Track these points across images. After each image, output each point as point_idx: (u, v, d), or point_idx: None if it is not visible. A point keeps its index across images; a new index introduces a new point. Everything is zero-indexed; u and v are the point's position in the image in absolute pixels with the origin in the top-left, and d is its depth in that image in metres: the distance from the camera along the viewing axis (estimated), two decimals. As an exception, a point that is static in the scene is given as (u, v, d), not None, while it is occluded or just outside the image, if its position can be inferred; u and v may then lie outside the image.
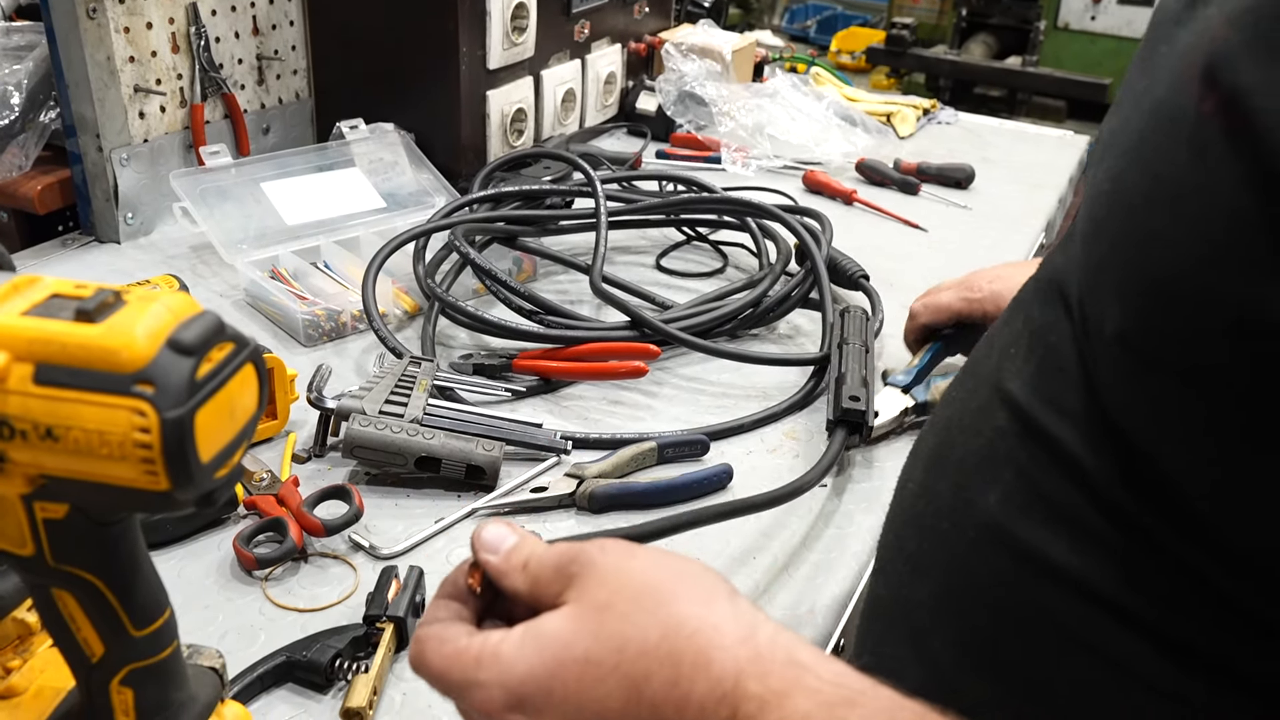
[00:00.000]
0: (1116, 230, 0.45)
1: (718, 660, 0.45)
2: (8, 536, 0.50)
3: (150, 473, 0.45)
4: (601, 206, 1.24)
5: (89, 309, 0.45)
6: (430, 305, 1.17)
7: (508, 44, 1.50)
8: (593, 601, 0.48)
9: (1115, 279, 0.45)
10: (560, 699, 0.46)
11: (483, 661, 0.47)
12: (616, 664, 0.46)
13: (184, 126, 1.41)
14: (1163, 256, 0.41)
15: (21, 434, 0.45)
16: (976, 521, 0.53)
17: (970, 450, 0.55)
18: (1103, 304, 0.46)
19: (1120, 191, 0.45)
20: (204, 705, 0.59)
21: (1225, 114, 0.38)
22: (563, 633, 0.47)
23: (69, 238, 1.38)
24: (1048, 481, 0.50)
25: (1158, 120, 0.43)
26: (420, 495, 0.92)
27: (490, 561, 0.51)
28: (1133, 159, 0.44)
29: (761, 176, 1.68)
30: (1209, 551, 0.43)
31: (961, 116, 2.08)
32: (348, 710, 0.69)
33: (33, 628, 0.65)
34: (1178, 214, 0.40)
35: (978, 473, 0.54)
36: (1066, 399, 0.50)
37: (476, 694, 0.47)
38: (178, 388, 0.45)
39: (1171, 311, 0.41)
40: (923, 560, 0.57)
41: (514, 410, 1.05)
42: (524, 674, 0.46)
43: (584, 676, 0.46)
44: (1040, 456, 0.50)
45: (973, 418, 0.56)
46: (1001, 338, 0.58)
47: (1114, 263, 0.45)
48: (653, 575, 0.48)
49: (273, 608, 0.79)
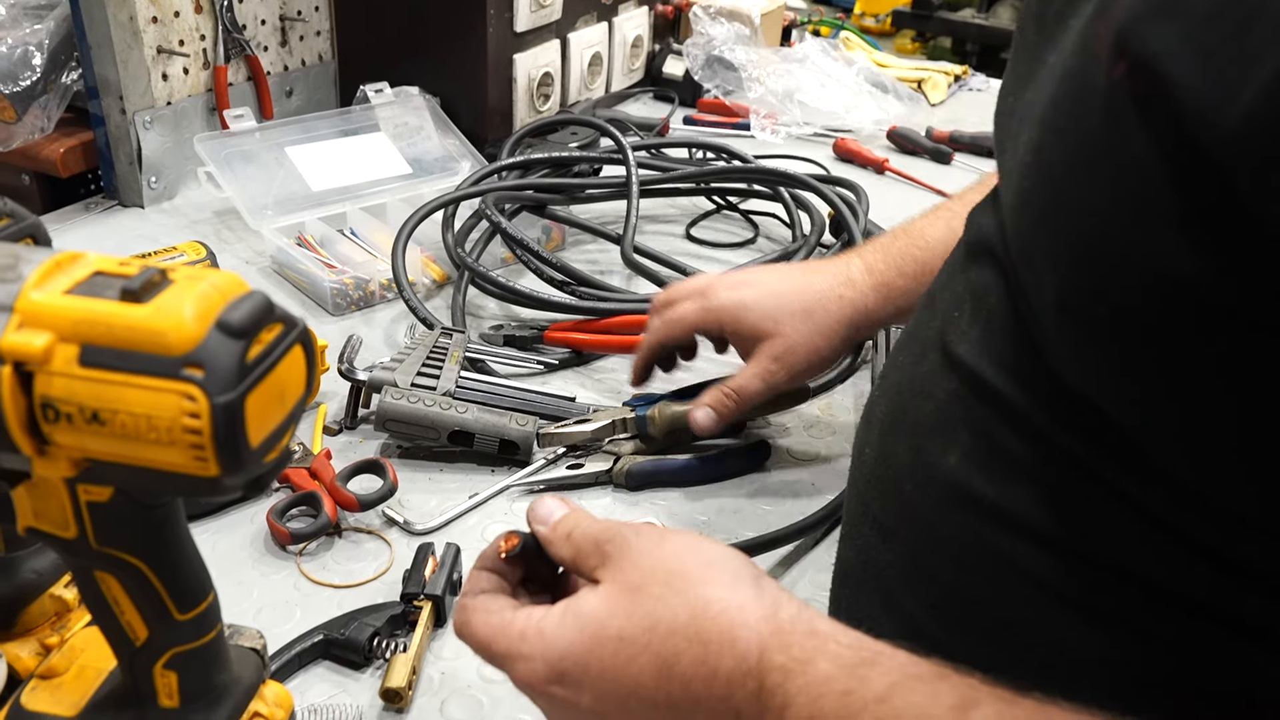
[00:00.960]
0: (1043, 201, 0.46)
1: (742, 638, 0.47)
2: (50, 519, 0.49)
3: (199, 459, 0.44)
4: (633, 174, 1.22)
5: (134, 288, 0.44)
6: (460, 274, 1.15)
7: (535, 6, 1.47)
8: (626, 582, 0.50)
9: (1047, 248, 0.46)
10: (596, 674, 0.48)
11: (526, 636, 0.50)
12: (648, 643, 0.48)
13: (207, 89, 1.39)
14: (1088, 222, 0.43)
15: (67, 417, 0.44)
16: (938, 482, 0.54)
17: (924, 413, 0.56)
18: (1038, 272, 0.47)
19: (1042, 163, 0.46)
20: (247, 687, 0.58)
21: (1133, 80, 0.39)
22: (599, 611, 0.49)
23: (92, 201, 1.36)
24: (1002, 438, 0.51)
25: (1070, 89, 0.44)
26: (453, 470, 0.91)
27: (540, 531, 0.55)
28: (1049, 128, 0.46)
29: (791, 144, 1.65)
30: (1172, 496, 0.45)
31: (992, 83, 2.04)
32: (387, 690, 0.68)
33: (70, 604, 0.65)
34: (1096, 179, 0.42)
35: (934, 435, 0.55)
36: (1011, 358, 0.51)
37: (520, 665, 0.50)
38: (228, 371, 0.43)
39: (1100, 272, 0.43)
40: (888, 523, 0.59)
41: (545, 383, 1.03)
42: (564, 650, 0.49)
43: (618, 654, 0.48)
44: (991, 415, 0.52)
45: (923, 382, 0.57)
46: (943, 301, 0.59)
47: (1045, 232, 0.46)
48: (682, 559, 0.50)
49: (308, 583, 0.78)
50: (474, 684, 0.71)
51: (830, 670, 0.45)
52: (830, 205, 1.24)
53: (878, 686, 0.44)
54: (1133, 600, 0.47)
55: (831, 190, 1.25)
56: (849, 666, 0.45)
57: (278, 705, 0.60)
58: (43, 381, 0.43)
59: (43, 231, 0.57)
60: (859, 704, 0.44)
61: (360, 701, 0.68)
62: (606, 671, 0.48)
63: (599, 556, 0.52)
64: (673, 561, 0.50)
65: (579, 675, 0.49)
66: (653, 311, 0.93)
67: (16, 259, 0.45)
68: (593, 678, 0.48)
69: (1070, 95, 0.44)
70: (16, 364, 0.43)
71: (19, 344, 0.43)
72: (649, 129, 1.63)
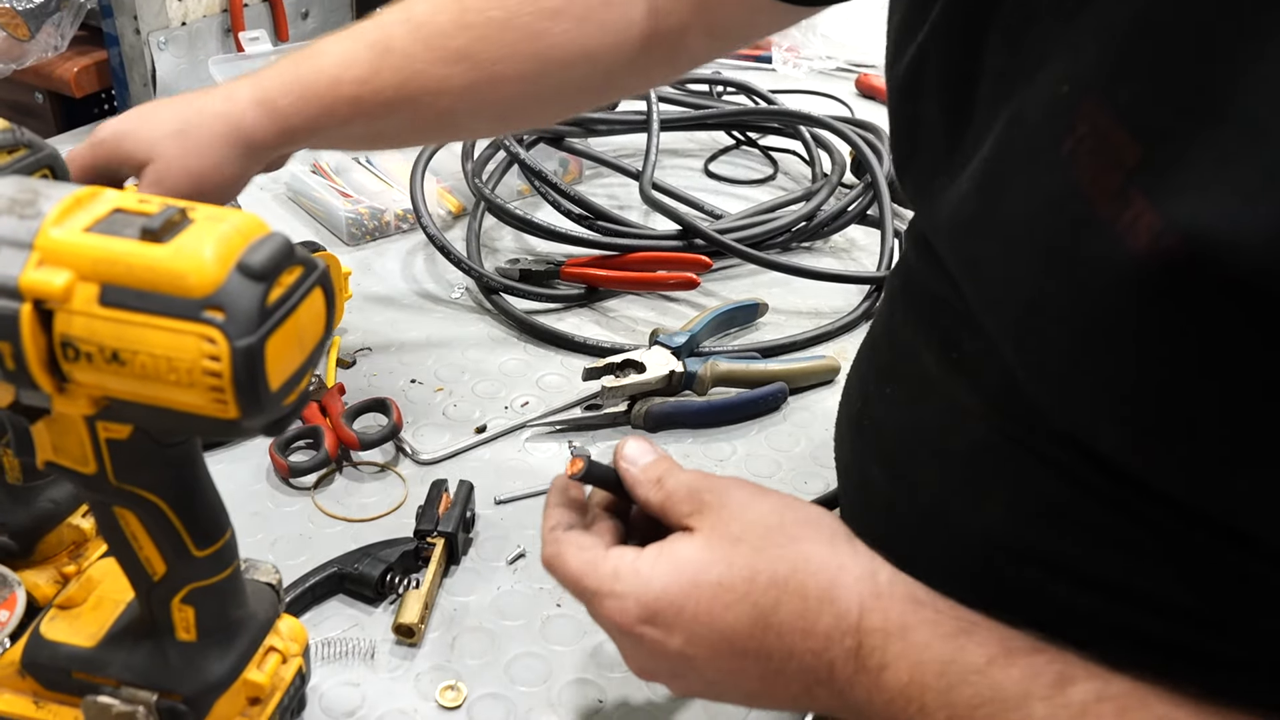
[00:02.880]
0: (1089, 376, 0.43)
1: (842, 596, 0.48)
2: (70, 455, 0.49)
3: (219, 401, 0.43)
4: (654, 110, 1.20)
5: (154, 227, 0.43)
6: (476, 205, 1.14)
7: (557, -69, 1.44)
8: (726, 533, 0.50)
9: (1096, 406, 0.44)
10: (690, 617, 0.49)
11: (620, 574, 0.50)
12: (747, 592, 0.48)
13: (222, 10, 1.36)
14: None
15: (87, 356, 0.44)
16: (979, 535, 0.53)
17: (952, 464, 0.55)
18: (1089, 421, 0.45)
19: (1041, 310, 0.44)
20: (263, 622, 0.59)
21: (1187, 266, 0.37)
22: (698, 558, 0.50)
23: (106, 122, 1.35)
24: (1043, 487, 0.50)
25: (1058, 230, 0.42)
26: (466, 406, 0.91)
27: (629, 471, 0.55)
28: (1047, 275, 0.43)
29: (813, 78, 1.63)
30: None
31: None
32: (400, 626, 0.68)
33: (88, 534, 0.66)
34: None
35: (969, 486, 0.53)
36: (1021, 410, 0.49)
37: (610, 603, 0.50)
38: (248, 314, 0.43)
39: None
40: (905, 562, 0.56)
41: (560, 320, 1.03)
42: (659, 591, 0.49)
43: (716, 600, 0.49)
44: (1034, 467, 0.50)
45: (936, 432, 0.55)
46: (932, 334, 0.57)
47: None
48: (780, 515, 0.51)
49: (322, 516, 0.79)
50: (486, 620, 0.71)
51: (929, 638, 0.46)
52: (851, 145, 1.22)
53: (976, 658, 0.45)
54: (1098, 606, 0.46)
55: (853, 130, 1.23)
56: (947, 635, 0.46)
57: (292, 639, 0.61)
58: (63, 320, 0.43)
59: (60, 163, 0.57)
60: (958, 674, 0.45)
61: (373, 636, 0.69)
62: (701, 615, 0.49)
63: (693, 504, 0.52)
64: (771, 517, 0.51)
65: (672, 617, 0.49)
66: None
67: (36, 195, 0.44)
68: (686, 621, 0.49)
69: (1063, 238, 0.42)
70: (36, 302, 0.43)
71: (39, 282, 0.42)
72: (669, 60, 1.60)
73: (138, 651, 0.56)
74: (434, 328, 1.01)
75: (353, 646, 0.68)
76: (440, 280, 1.08)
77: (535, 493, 0.82)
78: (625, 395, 0.89)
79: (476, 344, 0.99)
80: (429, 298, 1.06)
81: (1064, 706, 0.42)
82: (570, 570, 0.52)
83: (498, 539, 0.78)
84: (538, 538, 0.76)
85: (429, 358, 0.97)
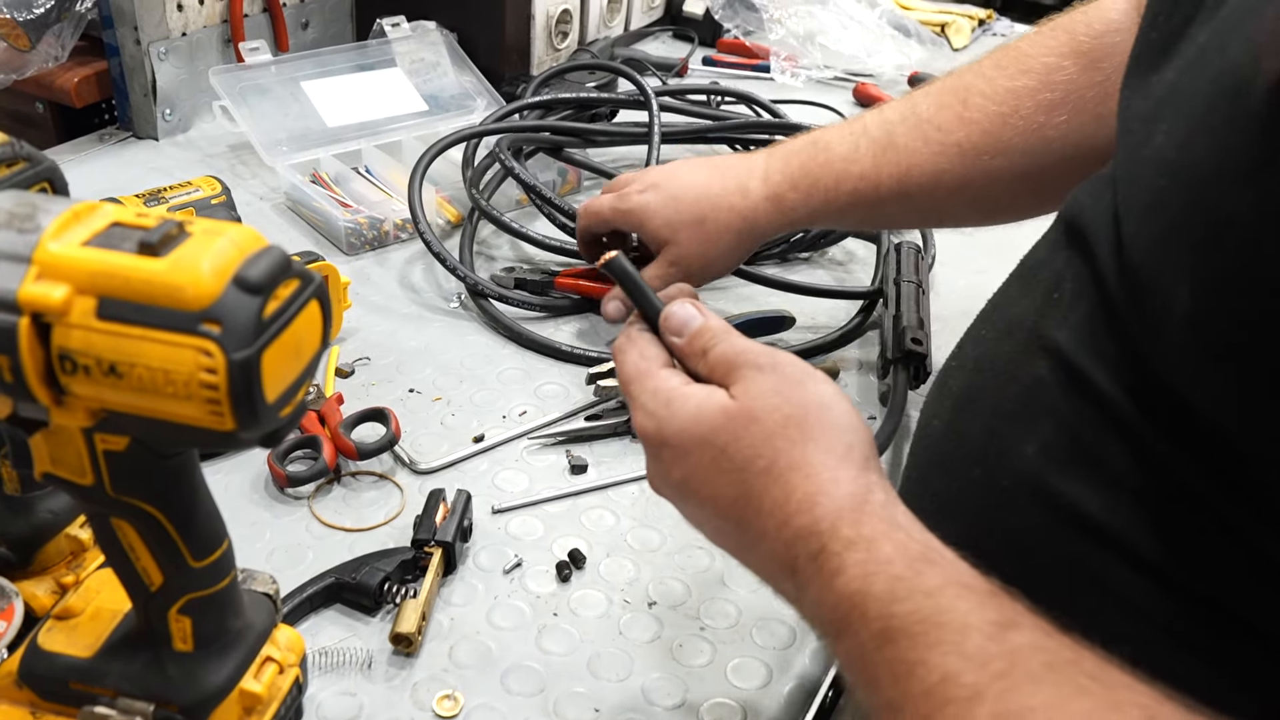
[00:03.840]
0: (1182, 205, 0.44)
1: (823, 504, 0.49)
2: (68, 466, 0.49)
3: (215, 413, 0.44)
4: (655, 122, 1.20)
5: (152, 241, 0.44)
6: (471, 211, 1.15)
7: (555, -58, 1.45)
8: (748, 408, 0.52)
9: (1183, 260, 0.43)
10: (691, 465, 0.53)
11: (658, 395, 0.55)
12: (741, 469, 0.51)
13: (222, 20, 1.37)
14: (1235, 238, 0.40)
15: (84, 369, 0.44)
16: (1011, 470, 0.53)
17: (1006, 396, 0.55)
18: (1168, 281, 0.45)
19: (1187, 164, 0.43)
20: (260, 632, 0.59)
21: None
22: (715, 420, 0.52)
23: (106, 133, 1.35)
24: (1091, 436, 0.50)
25: (1225, 90, 0.41)
26: (465, 415, 0.91)
27: (675, 343, 0.57)
28: (1200, 127, 0.43)
29: (811, 88, 1.63)
30: (1261, 518, 0.43)
31: (1017, 28, 2.01)
32: (397, 635, 0.69)
33: (86, 544, 0.66)
34: (1247, 195, 0.39)
35: (1014, 421, 0.54)
36: (1112, 351, 0.49)
37: (640, 415, 0.55)
38: (245, 327, 0.43)
39: (1245, 295, 0.40)
40: (949, 502, 0.58)
41: (556, 329, 1.03)
42: (676, 430, 0.53)
43: (714, 464, 0.52)
44: (1085, 410, 0.50)
45: (1006, 361, 0.56)
46: (1040, 279, 0.57)
47: (1182, 242, 0.44)
48: (807, 409, 0.52)
49: (320, 526, 0.79)
50: (482, 630, 0.72)
51: (891, 554, 0.47)
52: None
53: (930, 582, 0.45)
54: (1203, 633, 0.45)
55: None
56: (910, 558, 0.47)
57: (289, 649, 0.61)
58: (61, 333, 0.43)
59: (59, 176, 0.57)
60: (905, 590, 0.45)
61: (370, 645, 0.69)
62: (697, 470, 0.53)
63: (732, 376, 0.54)
64: (798, 409, 0.52)
65: (677, 456, 0.53)
66: (603, 191, 0.96)
67: (35, 209, 0.45)
68: (687, 466, 0.53)
69: (1227, 95, 0.41)
70: (35, 315, 0.43)
71: (38, 295, 0.43)
72: (668, 69, 1.61)
73: (135, 662, 0.56)
74: (432, 338, 1.01)
75: (350, 656, 0.68)
76: (439, 290, 1.09)
77: (533, 502, 0.82)
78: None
79: (474, 354, 0.99)
80: (427, 308, 1.06)
81: (998, 644, 0.42)
82: (625, 369, 0.57)
83: (495, 549, 0.78)
84: (535, 547, 0.78)
85: (427, 367, 0.97)
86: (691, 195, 0.89)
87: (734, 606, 0.75)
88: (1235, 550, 0.44)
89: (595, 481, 0.85)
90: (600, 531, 0.81)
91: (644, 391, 0.55)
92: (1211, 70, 0.43)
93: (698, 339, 0.56)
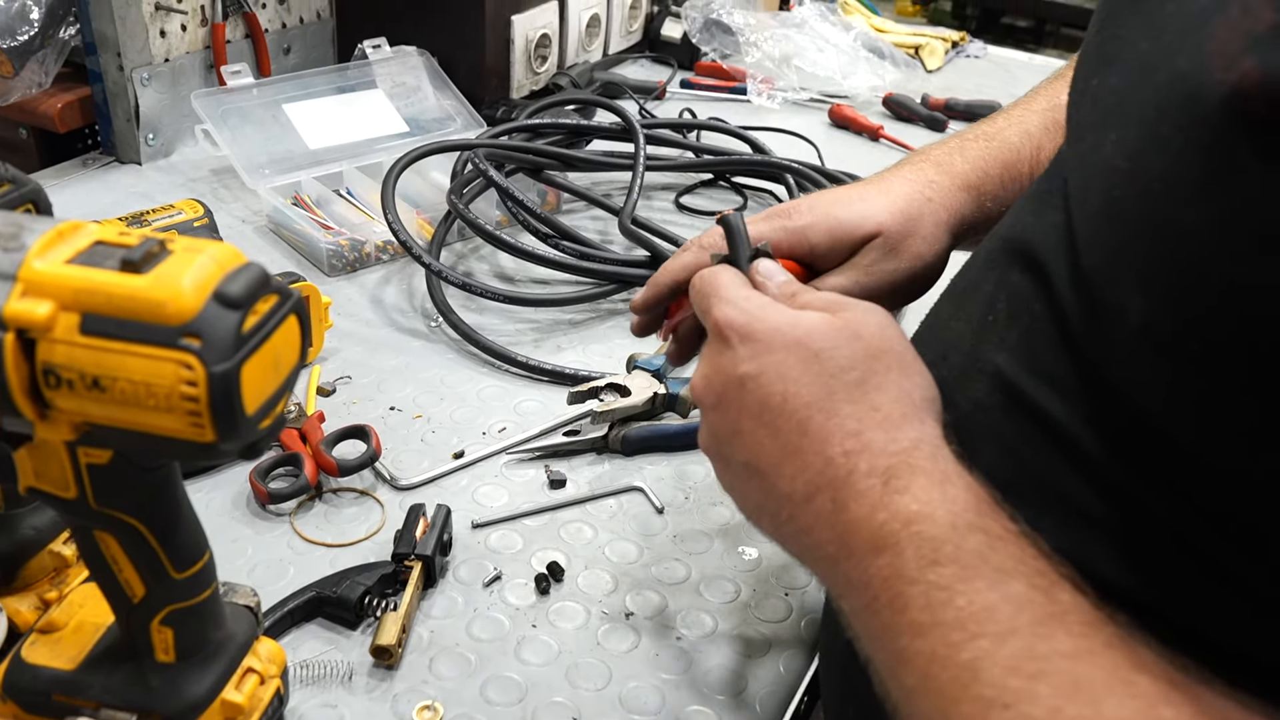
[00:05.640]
0: (1138, 215, 0.43)
1: (902, 430, 0.50)
2: (51, 479, 0.51)
3: (196, 425, 0.45)
4: (641, 153, 1.22)
5: (134, 259, 0.45)
6: (447, 214, 1.16)
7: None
8: (854, 327, 0.53)
9: (1138, 268, 0.43)
10: (770, 361, 0.53)
11: (749, 297, 0.56)
12: (832, 375, 0.51)
13: (205, 46, 1.39)
14: (1191, 249, 0.40)
15: (68, 383, 0.45)
16: None
17: (944, 420, 0.54)
18: (1122, 291, 0.44)
19: (1139, 171, 0.42)
20: (241, 643, 0.60)
21: (1265, 102, 0.36)
22: (816, 328, 0.53)
23: (89, 157, 1.37)
24: (1036, 459, 0.49)
25: (1175, 99, 0.41)
26: (445, 432, 0.93)
27: (765, 284, 0.59)
28: (1150, 136, 0.42)
29: (787, 109, 1.66)
30: (1218, 530, 0.42)
31: (990, 50, 2.04)
32: (377, 647, 0.69)
33: (69, 560, 0.67)
34: (1200, 206, 0.39)
35: (955, 445, 0.53)
36: (1058, 372, 0.49)
37: (725, 308, 0.56)
38: (224, 341, 0.45)
39: (1203, 304, 0.40)
40: None
41: (538, 346, 1.05)
42: (768, 328, 0.53)
43: (802, 363, 0.52)
44: (1030, 432, 0.50)
45: (943, 386, 0.55)
46: (973, 301, 0.57)
47: (1136, 251, 0.43)
48: (905, 352, 0.53)
49: (300, 542, 0.80)
50: (462, 642, 0.73)
51: (959, 492, 0.47)
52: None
53: (990, 524, 0.46)
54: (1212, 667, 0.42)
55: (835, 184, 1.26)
56: (978, 499, 0.47)
57: (270, 661, 0.62)
58: (45, 349, 0.45)
59: (43, 197, 0.58)
60: (965, 523, 0.45)
61: (351, 658, 0.70)
62: (780, 364, 0.52)
63: (833, 306, 0.55)
64: (898, 345, 0.53)
65: (761, 350, 0.53)
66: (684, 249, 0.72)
67: (20, 228, 0.46)
68: (767, 361, 0.53)
69: (1177, 104, 0.40)
70: (19, 331, 0.44)
71: (22, 312, 0.44)
72: (646, 92, 1.63)
73: (117, 673, 0.57)
74: (413, 356, 1.03)
75: (330, 669, 0.69)
76: (419, 310, 1.10)
77: (512, 516, 0.83)
78: (612, 419, 0.91)
79: (454, 372, 1.01)
80: (408, 328, 1.07)
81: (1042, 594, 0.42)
82: (715, 278, 0.58)
83: (475, 562, 0.79)
84: (514, 561, 0.79)
85: (407, 385, 0.98)
86: (877, 195, 0.70)
87: (710, 617, 0.76)
88: (1192, 565, 0.44)
89: (573, 496, 0.86)
90: (579, 545, 0.82)
91: (738, 295, 0.56)
92: (1158, 78, 0.42)
93: (787, 286, 0.58)
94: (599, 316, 1.11)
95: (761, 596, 0.78)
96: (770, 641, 0.74)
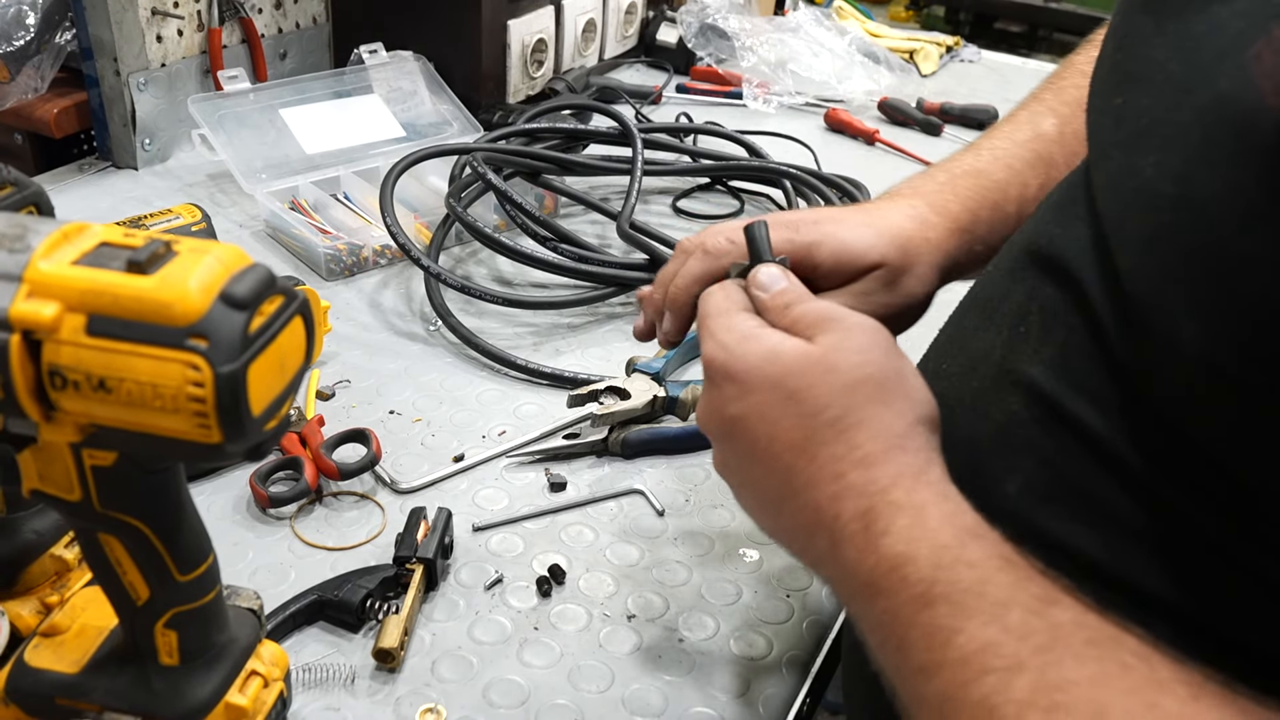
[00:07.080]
0: (1189, 241, 0.42)
1: (881, 466, 0.50)
2: (55, 482, 0.50)
3: (203, 426, 0.45)
4: (639, 158, 1.22)
5: (140, 260, 0.45)
6: (446, 218, 1.16)
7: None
8: (828, 359, 0.53)
9: (1190, 295, 0.42)
10: (751, 403, 0.54)
11: (733, 330, 0.56)
12: (809, 416, 0.52)
13: (201, 51, 1.39)
14: (1255, 278, 0.39)
15: (74, 384, 0.45)
16: (993, 509, 0.51)
17: (980, 432, 0.55)
18: (1172, 318, 0.43)
19: (1188, 197, 0.42)
20: (244, 646, 0.60)
21: None
22: (792, 363, 0.53)
23: (86, 163, 1.36)
24: (1076, 471, 0.49)
25: (1224, 124, 0.40)
26: (445, 436, 0.93)
27: (760, 297, 0.59)
28: (1198, 160, 0.41)
29: (783, 114, 1.66)
30: (1262, 544, 0.42)
31: (984, 55, 2.05)
32: (380, 650, 0.69)
33: (70, 563, 0.66)
34: (1261, 233, 0.38)
35: (993, 458, 0.54)
36: (1097, 386, 0.49)
37: (710, 344, 0.57)
38: (231, 342, 0.45)
39: (1260, 336, 0.39)
40: None
41: (537, 349, 1.05)
42: (748, 365, 0.54)
43: (781, 405, 0.53)
44: (1069, 445, 0.49)
45: (975, 397, 0.55)
46: (1001, 312, 0.56)
47: (1189, 277, 0.42)
48: (885, 377, 0.53)
49: (302, 545, 0.80)
50: (464, 645, 0.72)
51: (939, 524, 0.47)
52: (828, 202, 1.25)
53: (974, 554, 0.46)
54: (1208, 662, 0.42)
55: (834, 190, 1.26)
56: (957, 529, 0.47)
57: (273, 664, 0.62)
58: (51, 350, 0.45)
59: (46, 200, 0.58)
60: (950, 559, 0.45)
61: (353, 661, 0.70)
62: (759, 408, 0.53)
63: (817, 327, 0.55)
64: (878, 370, 0.53)
65: (741, 391, 0.54)
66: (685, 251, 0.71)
67: (25, 230, 0.46)
68: (749, 403, 0.54)
69: (1228, 129, 0.40)
70: (25, 332, 0.44)
71: (28, 313, 0.44)
72: (642, 97, 1.63)
73: (121, 676, 0.57)
74: (412, 360, 1.03)
75: (333, 672, 0.69)
76: (418, 314, 1.10)
77: (512, 519, 0.83)
78: (612, 422, 0.91)
79: (453, 375, 1.01)
80: (407, 331, 1.07)
81: (1041, 619, 0.42)
82: (708, 305, 0.59)
83: (476, 565, 0.79)
84: (515, 564, 0.79)
85: (407, 389, 0.98)
86: (883, 226, 0.69)
87: (712, 618, 0.76)
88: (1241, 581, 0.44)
89: (574, 498, 0.86)
90: (579, 547, 0.82)
91: (720, 327, 0.57)
92: (1199, 101, 0.42)
93: (781, 296, 0.58)
94: (598, 320, 1.11)
95: (763, 598, 0.78)
96: (772, 643, 0.75)
